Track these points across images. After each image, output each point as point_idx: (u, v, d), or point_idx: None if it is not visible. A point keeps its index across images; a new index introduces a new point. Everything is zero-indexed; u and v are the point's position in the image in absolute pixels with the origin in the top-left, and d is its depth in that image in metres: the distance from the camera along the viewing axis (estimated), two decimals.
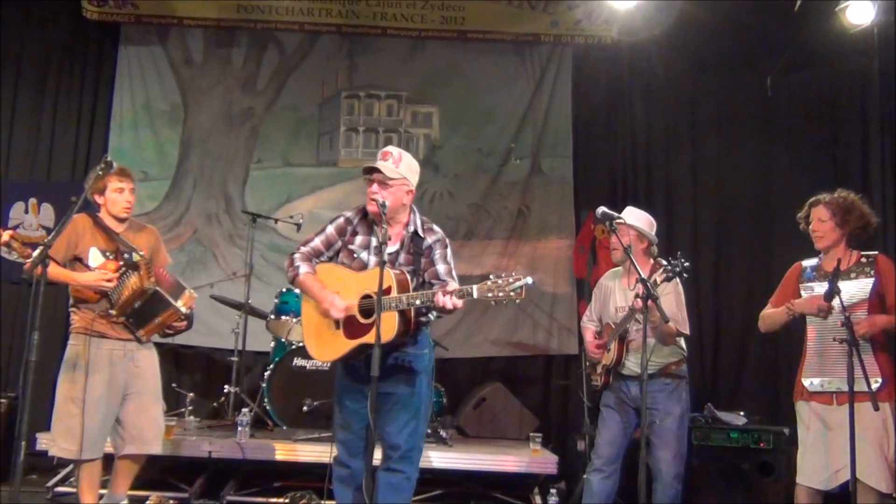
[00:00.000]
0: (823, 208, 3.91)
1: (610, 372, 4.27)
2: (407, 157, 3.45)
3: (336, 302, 3.31)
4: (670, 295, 4.09)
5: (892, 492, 3.69)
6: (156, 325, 3.94)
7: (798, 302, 3.87)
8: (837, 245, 3.87)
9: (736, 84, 6.71)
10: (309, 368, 5.41)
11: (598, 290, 4.53)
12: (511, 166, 6.90)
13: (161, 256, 4.21)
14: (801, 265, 4.02)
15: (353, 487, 3.43)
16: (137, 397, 3.97)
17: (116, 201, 4.02)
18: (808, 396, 3.83)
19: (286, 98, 7.02)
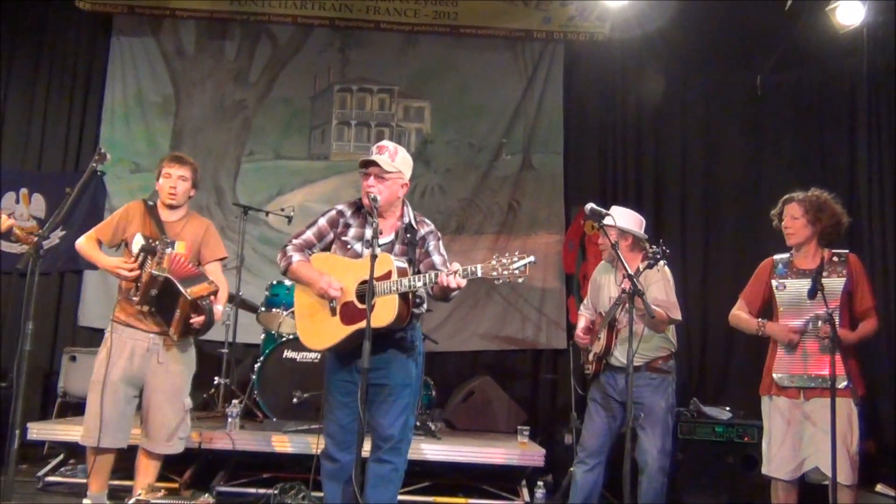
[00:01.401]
0: (796, 206, 3.98)
1: (601, 360, 4.32)
2: (402, 151, 3.50)
3: (333, 281, 3.34)
4: (659, 283, 4.15)
5: (853, 483, 3.76)
6: (178, 320, 3.79)
7: (771, 326, 3.96)
8: (809, 243, 3.94)
9: (727, 82, 6.76)
10: (299, 360, 5.44)
11: (592, 284, 4.59)
12: (502, 161, 6.94)
13: (210, 249, 4.11)
14: (772, 260, 4.09)
15: (342, 481, 3.45)
16: (154, 395, 3.91)
17: (163, 187, 4.05)
18: (778, 391, 3.90)
19: (278, 91, 7.04)
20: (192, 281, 3.83)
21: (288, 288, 5.68)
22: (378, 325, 3.14)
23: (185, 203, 4.14)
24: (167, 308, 3.82)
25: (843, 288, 3.83)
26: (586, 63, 6.92)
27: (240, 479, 4.92)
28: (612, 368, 4.29)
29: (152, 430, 3.94)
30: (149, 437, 3.95)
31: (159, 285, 3.78)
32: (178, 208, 4.09)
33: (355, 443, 3.29)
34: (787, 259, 4.03)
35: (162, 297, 3.81)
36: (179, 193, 4.06)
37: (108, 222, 4.04)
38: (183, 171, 4.07)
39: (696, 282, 6.62)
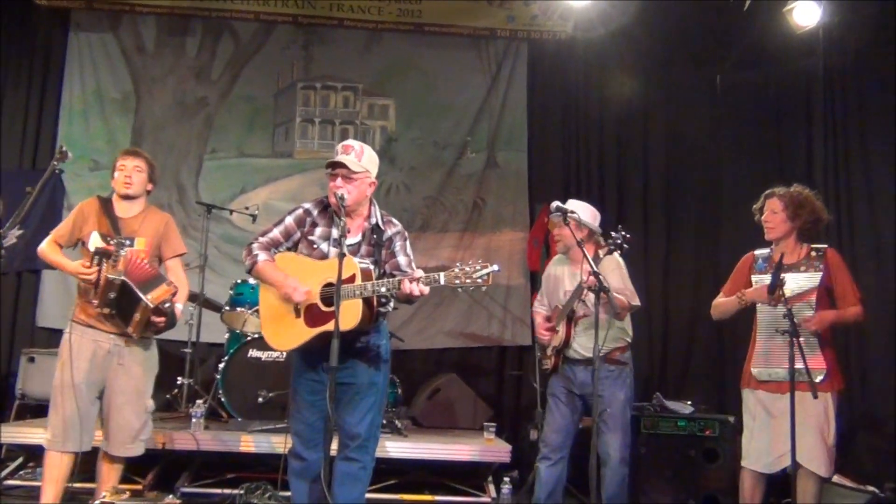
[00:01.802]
0: (777, 200, 4.04)
1: (560, 353, 4.36)
2: (368, 149, 3.49)
3: (298, 285, 3.32)
4: (615, 271, 4.21)
5: (830, 476, 3.87)
6: (138, 322, 3.74)
7: (749, 291, 4.00)
8: (787, 237, 4.01)
9: (688, 80, 6.86)
10: (264, 360, 5.40)
11: (546, 277, 4.63)
12: (467, 159, 6.96)
13: (171, 245, 4.04)
14: (753, 255, 4.16)
15: (309, 480, 3.44)
16: (115, 397, 3.83)
17: (118, 179, 3.99)
18: (756, 385, 3.97)
19: (241, 88, 6.97)
20: (151, 284, 3.76)
21: (252, 287, 5.63)
22: (342, 328, 3.12)
23: (143, 196, 4.07)
24: (126, 310, 3.75)
25: (820, 282, 3.90)
26: (550, 62, 6.97)
27: (204, 479, 4.87)
28: (570, 361, 4.34)
29: (113, 432, 3.87)
30: (109, 439, 3.88)
31: (116, 288, 3.70)
32: (135, 200, 4.01)
33: (322, 441, 3.30)
34: (767, 254, 4.11)
35: (121, 300, 3.73)
36: (135, 183, 3.99)
37: (65, 224, 3.97)
38: (138, 163, 4.02)
39: (657, 277, 6.72)
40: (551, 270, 4.61)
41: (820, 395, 3.69)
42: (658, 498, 4.96)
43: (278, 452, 4.46)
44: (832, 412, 3.83)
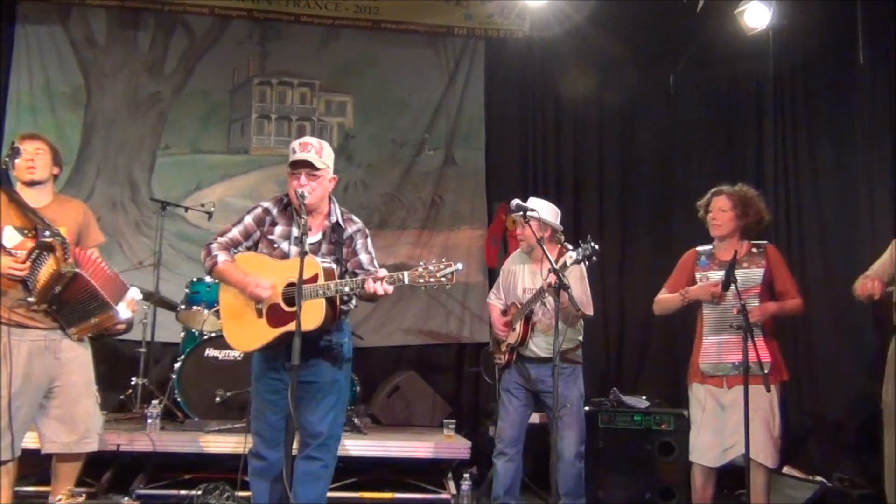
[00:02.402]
0: (725, 199, 4.14)
1: (514, 350, 4.42)
2: (326, 145, 3.48)
3: (261, 281, 3.28)
4: (577, 281, 4.27)
5: (776, 466, 3.99)
6: (92, 326, 3.65)
7: (693, 289, 4.10)
8: (733, 235, 4.12)
9: (642, 80, 6.95)
10: (222, 359, 5.33)
11: (504, 272, 4.69)
12: (425, 157, 6.96)
13: (91, 234, 3.85)
14: (696, 252, 4.26)
15: (270, 479, 3.42)
16: (64, 391, 3.67)
17: (20, 166, 3.71)
18: (703, 379, 4.06)
19: (195, 83, 6.86)
20: (116, 290, 3.65)
21: (209, 285, 5.57)
22: (305, 328, 3.10)
23: (49, 182, 3.82)
24: (77, 312, 3.59)
25: (762, 278, 4.01)
26: (507, 60, 7.00)
27: (161, 481, 4.80)
28: (524, 359, 4.40)
29: (71, 427, 3.67)
30: (62, 437, 3.67)
31: (65, 282, 3.52)
32: (42, 186, 3.76)
33: (283, 441, 3.29)
34: (709, 251, 4.20)
35: (73, 302, 3.58)
36: (39, 167, 3.73)
37: None
38: (38, 145, 3.78)
39: (613, 275, 6.81)
40: (510, 265, 4.67)
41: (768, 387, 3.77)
42: (615, 491, 5.04)
43: (237, 452, 4.42)
44: (777, 404, 3.95)
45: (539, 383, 4.40)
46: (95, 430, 3.80)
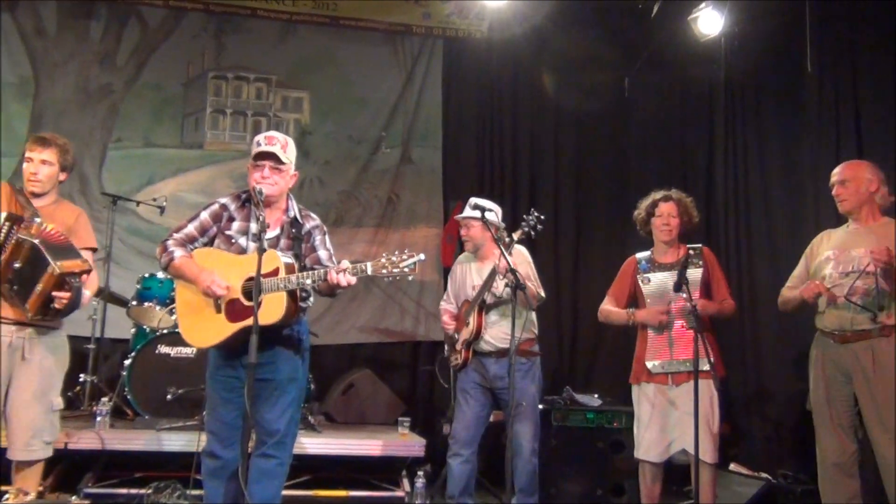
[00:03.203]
0: (674, 205, 4.25)
1: (470, 346, 4.44)
2: (291, 141, 3.46)
3: (217, 279, 3.25)
4: (523, 263, 4.33)
5: (715, 462, 4.08)
6: (38, 295, 3.40)
7: (640, 313, 4.22)
8: (676, 240, 4.23)
9: (598, 82, 7.04)
10: (174, 356, 5.24)
11: (453, 274, 4.73)
12: (382, 155, 6.95)
13: (80, 238, 3.72)
14: (635, 258, 4.36)
15: (224, 479, 3.37)
16: (18, 394, 3.57)
17: (24, 172, 3.69)
18: (649, 377, 4.14)
19: (148, 75, 6.74)
20: (64, 253, 3.46)
21: (161, 281, 5.48)
22: (266, 322, 3.09)
23: (54, 189, 3.79)
24: (29, 283, 3.41)
25: (701, 278, 4.12)
26: (465, 60, 7.03)
27: (110, 479, 4.71)
28: (481, 354, 4.44)
29: (15, 434, 3.57)
30: (11, 441, 3.58)
31: (25, 254, 3.40)
32: (43, 196, 3.73)
33: (238, 439, 3.25)
34: (648, 256, 4.31)
35: (25, 271, 3.41)
36: (42, 179, 3.69)
37: None
38: (45, 155, 3.70)
39: (567, 274, 6.89)
40: (458, 267, 4.72)
41: (705, 383, 3.87)
42: (568, 488, 5.10)
43: (190, 451, 4.37)
44: (716, 401, 4.04)
45: (497, 380, 4.42)
46: (43, 439, 3.65)
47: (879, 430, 3.59)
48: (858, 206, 3.85)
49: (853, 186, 3.85)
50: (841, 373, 3.74)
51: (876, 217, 3.85)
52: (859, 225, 3.87)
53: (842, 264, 3.79)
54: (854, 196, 3.85)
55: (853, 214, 3.89)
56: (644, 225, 4.34)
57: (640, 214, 4.35)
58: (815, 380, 3.89)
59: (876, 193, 3.83)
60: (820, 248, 3.98)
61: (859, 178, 3.84)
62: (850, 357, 3.70)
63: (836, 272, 3.81)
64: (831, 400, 3.76)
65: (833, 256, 3.85)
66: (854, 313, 3.70)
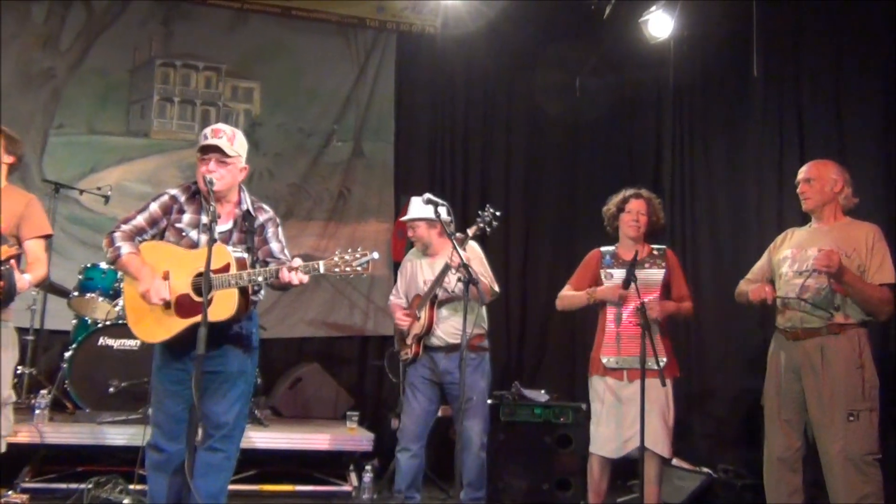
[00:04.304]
0: (644, 203, 4.31)
1: (420, 340, 4.46)
2: (240, 134, 3.39)
3: (158, 288, 3.18)
4: (477, 259, 4.35)
5: (671, 457, 4.18)
6: None
7: (600, 289, 4.25)
8: (642, 237, 4.29)
9: (549, 80, 7.09)
10: (117, 348, 5.12)
11: (403, 269, 4.74)
12: (333, 148, 6.89)
13: (31, 223, 3.66)
14: (599, 252, 4.41)
15: (169, 473, 3.31)
16: None
17: None
18: (604, 372, 4.20)
19: (93, 61, 6.55)
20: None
21: (104, 271, 5.36)
22: (217, 319, 3.05)
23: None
24: None
25: (663, 279, 4.19)
26: (419, 55, 7.01)
27: (49, 474, 4.59)
28: (431, 349, 4.45)
29: None
30: None
31: None
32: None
33: (184, 432, 3.21)
34: (612, 251, 4.36)
35: None
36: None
37: None
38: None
39: (516, 271, 6.94)
40: (408, 262, 4.73)
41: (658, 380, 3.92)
42: (514, 483, 5.15)
43: (133, 445, 4.30)
44: (671, 397, 4.12)
45: (446, 374, 4.44)
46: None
47: (823, 427, 3.66)
48: (821, 204, 3.87)
49: (818, 185, 3.86)
50: (792, 369, 3.81)
51: (838, 217, 3.87)
52: (821, 224, 3.90)
53: (797, 263, 3.84)
54: (818, 195, 3.86)
55: (816, 213, 3.91)
56: (612, 220, 4.39)
57: (610, 210, 4.40)
58: (768, 375, 3.96)
59: (840, 194, 3.85)
60: (782, 246, 4.02)
61: (824, 178, 3.86)
62: (800, 354, 3.77)
63: (791, 270, 3.86)
64: (782, 396, 3.84)
65: (791, 255, 3.90)
66: (804, 312, 3.76)
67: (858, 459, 3.57)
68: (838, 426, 3.61)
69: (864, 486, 3.56)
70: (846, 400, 3.61)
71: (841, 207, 3.88)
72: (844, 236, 3.77)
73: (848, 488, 3.58)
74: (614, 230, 4.40)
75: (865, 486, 3.56)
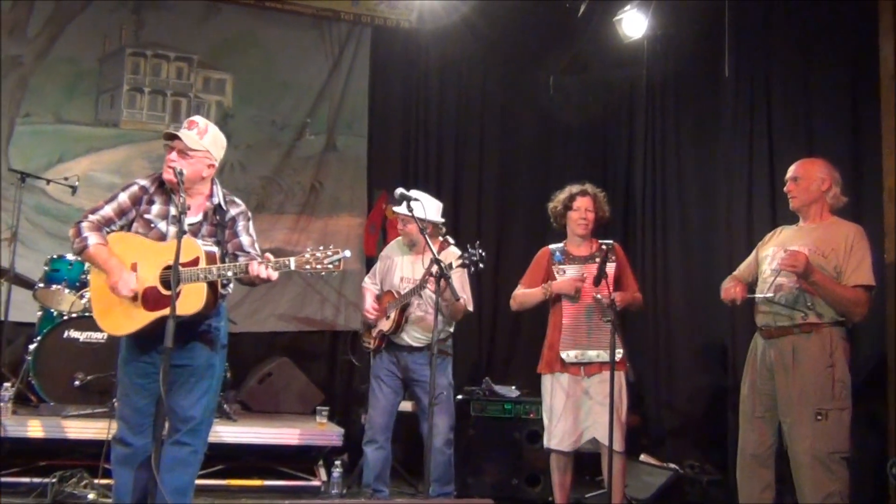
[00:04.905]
0: (590, 200, 4.35)
1: (385, 338, 4.46)
2: (214, 129, 3.35)
3: (127, 280, 3.14)
4: (457, 278, 4.34)
5: (624, 450, 4.20)
6: None
7: (556, 283, 4.29)
8: (590, 234, 4.35)
9: (523, 78, 7.11)
10: (83, 341, 5.06)
11: (382, 258, 4.75)
12: (306, 141, 6.85)
13: None
14: (549, 249, 4.45)
15: (135, 467, 3.28)
16: None
17: None
18: (562, 367, 4.23)
19: (62, 49, 6.43)
20: None
21: (71, 263, 5.28)
22: (185, 313, 3.03)
23: None
24: None
25: (614, 273, 4.25)
26: (393, 49, 6.98)
27: (12, 468, 4.52)
28: (396, 347, 4.46)
29: None
30: None
31: None
32: None
33: (150, 426, 3.19)
34: (561, 248, 4.41)
35: None
36: None
37: None
38: None
39: (489, 267, 6.81)
40: (389, 253, 4.73)
41: (617, 374, 3.96)
42: (484, 478, 5.17)
43: (99, 439, 4.25)
44: (625, 391, 4.17)
45: (411, 371, 4.48)
46: None
47: (792, 425, 3.69)
48: (808, 203, 3.86)
49: (804, 184, 3.86)
50: (766, 367, 3.83)
51: (824, 216, 3.85)
52: (807, 223, 3.90)
53: (776, 260, 3.82)
54: (804, 193, 3.86)
55: (802, 212, 3.92)
56: (559, 218, 4.43)
57: (557, 207, 4.43)
58: (745, 372, 3.99)
59: (827, 193, 3.83)
60: (768, 243, 4.03)
61: (811, 177, 3.85)
62: (774, 352, 3.79)
63: (769, 268, 3.87)
64: (756, 393, 3.87)
65: (772, 253, 3.90)
66: (774, 312, 3.78)
67: (825, 458, 3.59)
68: (806, 425, 3.63)
69: (831, 484, 3.58)
70: (815, 399, 3.63)
71: (828, 206, 3.85)
72: (826, 236, 3.77)
73: (814, 486, 3.61)
74: (561, 227, 4.45)
75: (832, 485, 3.58)
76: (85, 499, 4.24)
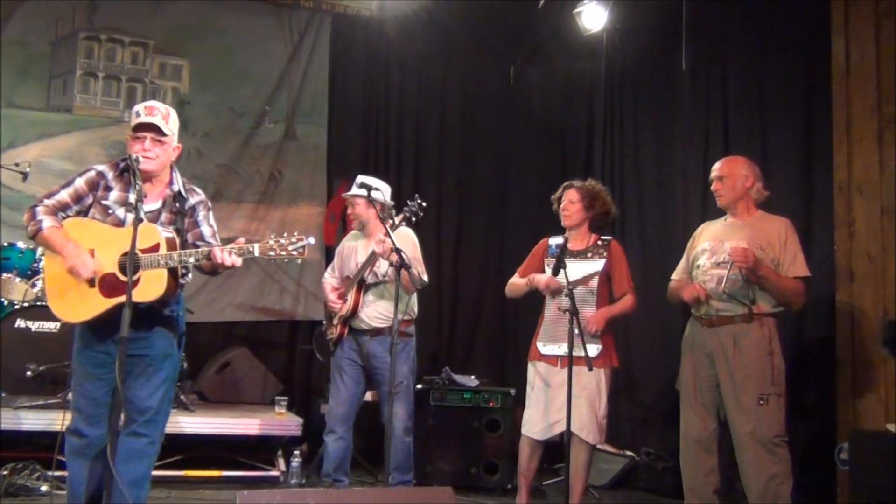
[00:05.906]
0: (575, 192, 4.40)
1: (346, 323, 4.46)
2: (173, 112, 3.32)
3: (86, 260, 3.08)
4: (409, 246, 4.36)
5: (598, 444, 4.28)
6: None
7: (536, 278, 4.32)
8: (581, 226, 4.38)
9: (484, 68, 7.14)
10: (35, 330, 4.97)
11: (341, 249, 4.77)
12: (265, 129, 6.76)
13: None
14: (547, 241, 4.49)
15: (90, 458, 3.22)
16: None
17: None
18: (539, 357, 4.28)
19: (12, 31, 6.24)
20: None
21: (22, 251, 5.18)
22: (144, 299, 2.98)
23: None
24: None
25: (602, 269, 4.27)
26: (354, 38, 6.93)
27: None
28: (356, 332, 4.47)
29: None
30: None
31: None
32: None
33: (106, 417, 3.13)
34: (560, 241, 4.42)
35: None
36: None
37: None
38: None
39: (448, 258, 6.97)
40: (346, 244, 4.74)
41: (594, 369, 4.02)
42: (444, 466, 5.21)
43: (52, 430, 4.18)
44: (605, 387, 4.19)
45: (372, 358, 4.48)
46: None
47: (735, 410, 3.84)
48: (735, 200, 4.04)
49: (730, 182, 4.03)
50: (706, 355, 3.97)
51: (751, 211, 4.04)
52: (736, 218, 4.07)
53: (715, 255, 3.99)
54: (731, 192, 4.04)
55: (730, 209, 4.08)
56: (558, 213, 4.49)
57: (554, 204, 4.49)
58: (683, 361, 4.11)
59: (751, 189, 4.02)
60: (699, 240, 4.18)
61: (735, 175, 4.04)
62: (714, 340, 3.93)
63: (708, 262, 4.01)
64: (697, 380, 3.99)
65: (709, 248, 4.05)
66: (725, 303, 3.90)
67: (768, 441, 3.77)
68: (749, 409, 3.79)
69: (774, 465, 3.76)
70: (757, 384, 3.80)
71: (753, 201, 4.06)
72: (759, 231, 3.96)
73: (758, 468, 3.77)
74: None
75: (774, 466, 3.76)
76: (38, 490, 4.18)
